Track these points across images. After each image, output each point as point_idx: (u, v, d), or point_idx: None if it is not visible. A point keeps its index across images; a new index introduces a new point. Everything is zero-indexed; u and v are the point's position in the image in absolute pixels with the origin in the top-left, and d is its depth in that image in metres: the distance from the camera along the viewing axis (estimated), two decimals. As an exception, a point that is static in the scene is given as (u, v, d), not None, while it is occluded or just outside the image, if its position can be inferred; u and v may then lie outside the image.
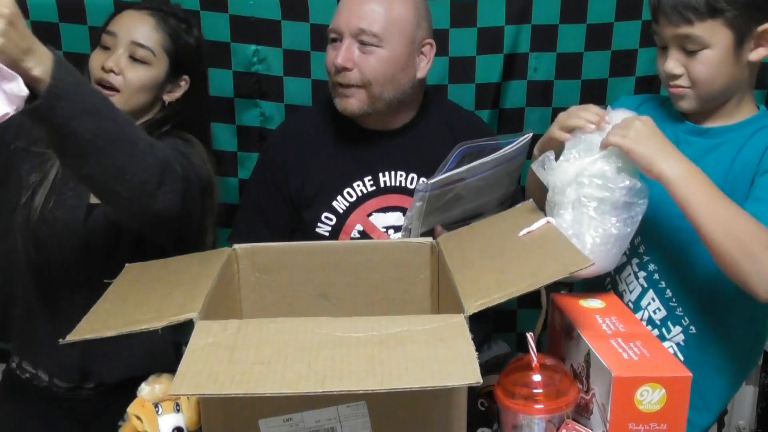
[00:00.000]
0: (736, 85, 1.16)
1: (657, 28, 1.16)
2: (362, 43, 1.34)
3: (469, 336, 0.81)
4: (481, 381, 0.73)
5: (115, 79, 1.30)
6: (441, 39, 1.53)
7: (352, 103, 1.37)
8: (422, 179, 1.27)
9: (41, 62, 0.88)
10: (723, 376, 1.23)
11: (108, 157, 0.99)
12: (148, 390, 0.98)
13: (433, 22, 1.47)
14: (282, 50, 1.62)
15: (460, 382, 0.74)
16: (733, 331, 1.22)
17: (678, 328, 1.21)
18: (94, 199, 1.29)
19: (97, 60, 1.32)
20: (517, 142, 1.24)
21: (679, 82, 1.15)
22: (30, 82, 0.87)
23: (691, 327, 1.20)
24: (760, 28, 1.11)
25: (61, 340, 0.86)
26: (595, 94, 1.59)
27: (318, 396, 0.79)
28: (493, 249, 1.04)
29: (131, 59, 1.31)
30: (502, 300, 0.86)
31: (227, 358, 0.78)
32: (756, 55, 1.13)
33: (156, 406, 0.96)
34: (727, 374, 1.23)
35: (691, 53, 1.12)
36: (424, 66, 1.42)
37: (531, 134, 1.27)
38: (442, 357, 0.77)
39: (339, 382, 0.73)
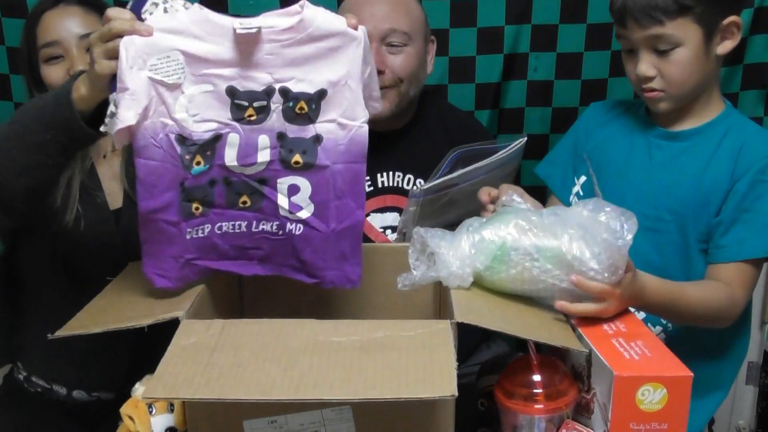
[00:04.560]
0: (707, 80, 1.18)
1: (624, 32, 1.16)
2: (390, 44, 1.35)
3: (452, 344, 0.81)
4: (456, 394, 0.72)
5: None
6: (441, 39, 1.53)
7: (384, 105, 1.35)
8: (418, 181, 1.27)
9: None
10: (704, 373, 1.23)
11: None
12: (142, 390, 0.97)
13: (433, 22, 1.47)
14: (282, 50, 1.61)
15: (434, 395, 0.73)
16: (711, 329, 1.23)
17: (658, 328, 1.22)
18: (114, 205, 1.28)
19: (57, 73, 1.26)
20: (511, 146, 1.24)
21: (653, 84, 1.16)
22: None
23: (669, 324, 1.22)
24: (726, 21, 1.13)
25: (49, 335, 0.88)
26: (595, 94, 1.59)
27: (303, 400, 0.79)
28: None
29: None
30: (490, 328, 0.86)
31: (206, 360, 0.78)
32: (723, 48, 1.15)
33: (150, 406, 0.95)
34: (708, 373, 1.24)
35: (662, 53, 1.13)
36: (430, 62, 1.45)
37: (526, 138, 1.27)
38: (421, 366, 0.77)
39: (312, 390, 0.73)
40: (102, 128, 0.93)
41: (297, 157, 0.97)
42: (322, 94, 0.95)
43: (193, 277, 1.00)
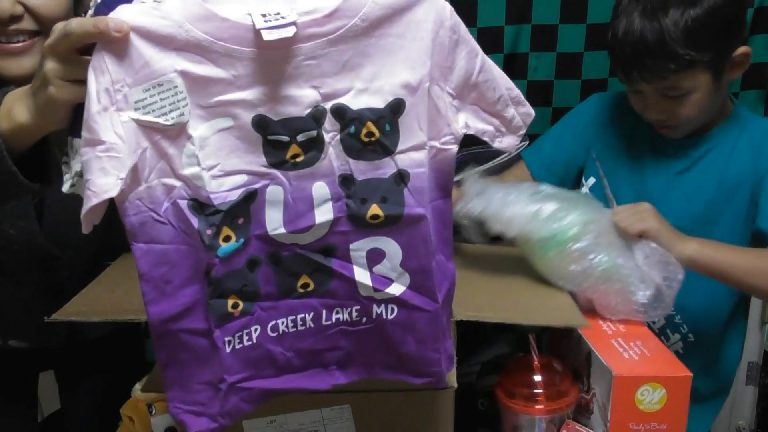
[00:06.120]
0: (719, 104, 1.15)
1: (628, 81, 1.12)
2: None
3: (450, 337, 0.81)
4: (455, 386, 0.75)
5: (26, 22, 0.92)
6: (441, 39, 1.53)
7: None
8: None
9: None
10: (708, 378, 1.23)
11: None
12: None
13: (434, 22, 1.48)
14: (282, 50, 1.61)
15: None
16: (727, 340, 1.22)
17: (677, 336, 1.21)
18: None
19: None
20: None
21: (666, 123, 1.14)
22: None
23: (690, 335, 1.20)
24: (736, 54, 1.09)
25: (46, 318, 0.85)
26: (595, 94, 1.59)
27: (302, 398, 0.79)
28: (497, 272, 1.06)
29: None
30: (491, 321, 0.86)
31: None
32: (731, 75, 1.12)
33: (149, 406, 0.95)
34: (711, 377, 1.23)
35: (673, 97, 1.09)
36: None
37: (527, 142, 1.27)
38: None
39: None
40: (65, 188, 0.68)
41: (374, 209, 0.67)
42: (397, 106, 0.65)
43: (246, 408, 0.73)
